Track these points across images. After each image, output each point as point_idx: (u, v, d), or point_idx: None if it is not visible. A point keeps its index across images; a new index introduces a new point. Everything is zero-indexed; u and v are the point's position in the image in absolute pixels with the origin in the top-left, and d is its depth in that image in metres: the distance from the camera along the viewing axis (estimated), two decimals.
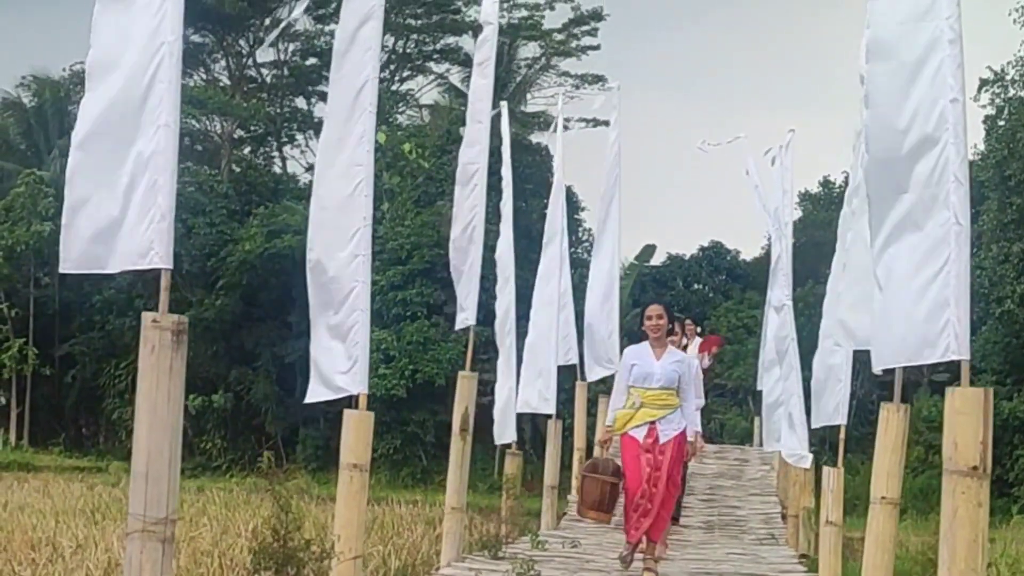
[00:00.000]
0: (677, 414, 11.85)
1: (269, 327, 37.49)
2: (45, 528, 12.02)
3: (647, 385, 11.84)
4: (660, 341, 12.04)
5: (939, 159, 6.15)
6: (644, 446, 11.68)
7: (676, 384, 11.88)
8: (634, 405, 11.83)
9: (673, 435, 11.78)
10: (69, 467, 34.48)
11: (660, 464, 11.65)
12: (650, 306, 12.35)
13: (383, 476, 34.11)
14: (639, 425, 11.78)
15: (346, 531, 8.61)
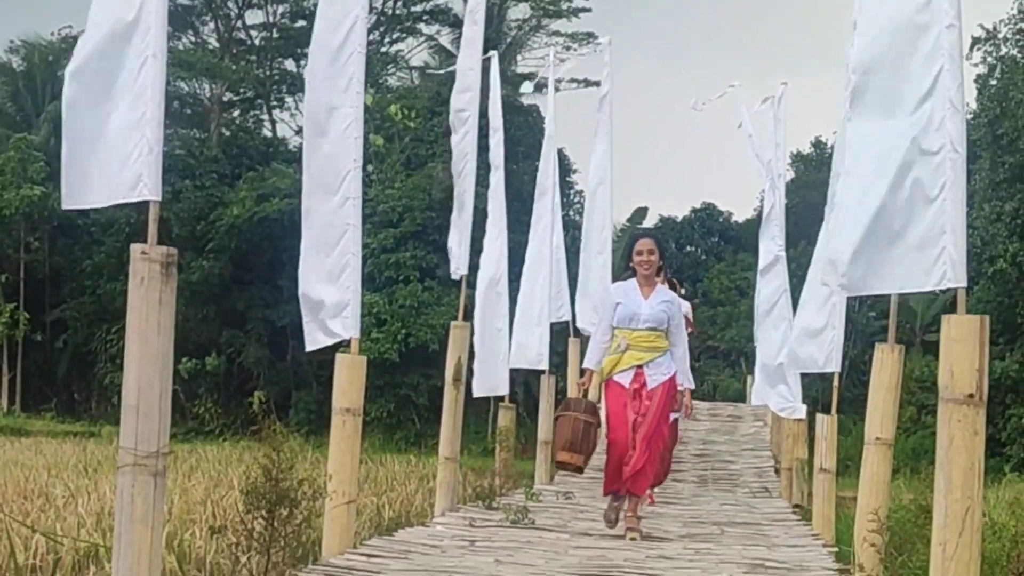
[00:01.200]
0: (667, 358, 10.79)
1: (260, 290, 37.46)
2: (37, 480, 12.00)
3: (633, 326, 10.74)
4: (649, 279, 10.87)
5: (934, 85, 6.09)
6: (630, 392, 10.65)
7: (665, 326, 10.79)
8: (619, 348, 10.77)
9: (662, 380, 10.70)
10: (61, 432, 34.44)
11: (647, 411, 10.64)
12: (641, 239, 11.13)
13: (376, 439, 34.12)
14: (625, 369, 10.71)
15: (339, 475, 8.56)
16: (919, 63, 6.16)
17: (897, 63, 6.27)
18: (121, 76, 6.17)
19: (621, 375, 10.73)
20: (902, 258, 6.23)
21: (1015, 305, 32.52)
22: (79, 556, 7.58)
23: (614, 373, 10.76)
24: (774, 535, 11.45)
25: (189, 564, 7.83)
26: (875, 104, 6.40)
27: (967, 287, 6.40)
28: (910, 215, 6.15)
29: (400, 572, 7.99)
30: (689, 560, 9.37)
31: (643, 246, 10.90)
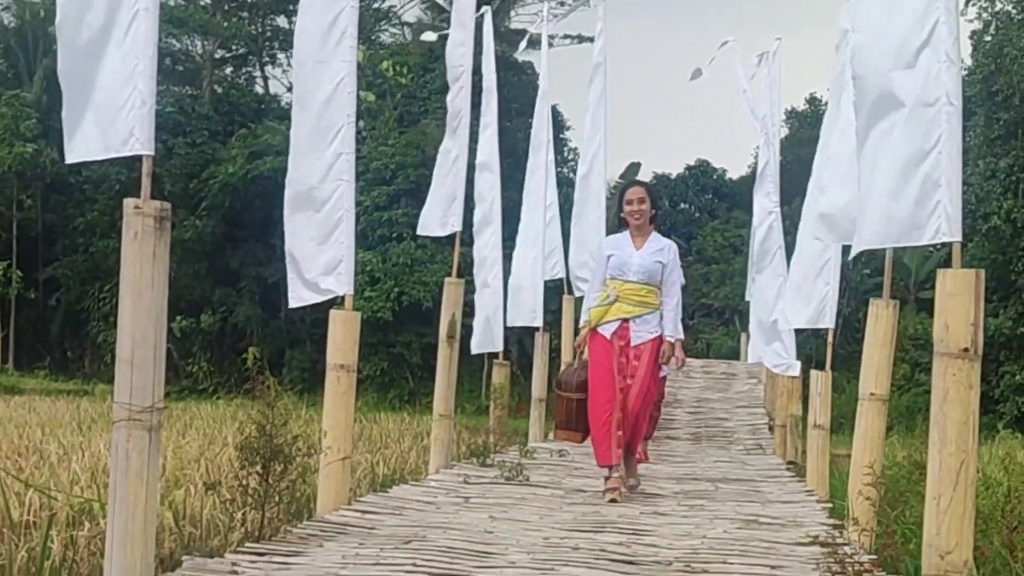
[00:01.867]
0: (655, 316, 10.39)
1: (253, 248, 37.39)
2: (31, 437, 11.99)
3: (624, 277, 10.35)
4: (642, 229, 10.47)
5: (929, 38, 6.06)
6: (616, 348, 10.25)
7: (658, 280, 10.40)
8: (608, 299, 10.39)
9: (648, 338, 10.32)
10: (55, 390, 34.43)
11: (634, 371, 10.25)
12: (631, 188, 10.75)
13: (370, 398, 34.14)
14: (610, 321, 10.35)
15: (334, 431, 8.57)
16: (915, 17, 6.12)
17: (893, 17, 6.24)
18: (113, 30, 6.12)
19: (605, 326, 10.37)
20: (897, 212, 6.21)
21: (1009, 262, 32.52)
22: (74, 512, 7.58)
23: (599, 324, 10.39)
24: (768, 491, 11.48)
25: (184, 520, 7.82)
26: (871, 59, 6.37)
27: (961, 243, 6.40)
28: (905, 169, 6.12)
29: (394, 528, 7.99)
30: (683, 516, 9.38)
31: (633, 195, 10.56)
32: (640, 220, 10.46)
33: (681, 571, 6.98)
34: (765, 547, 7.86)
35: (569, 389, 10.51)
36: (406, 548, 7.16)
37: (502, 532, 8.05)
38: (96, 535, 6.99)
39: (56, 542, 6.83)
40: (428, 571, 6.52)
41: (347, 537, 7.54)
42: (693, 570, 7.01)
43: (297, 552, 6.96)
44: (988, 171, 32.58)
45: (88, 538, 7.06)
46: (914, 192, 6.10)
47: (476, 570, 6.65)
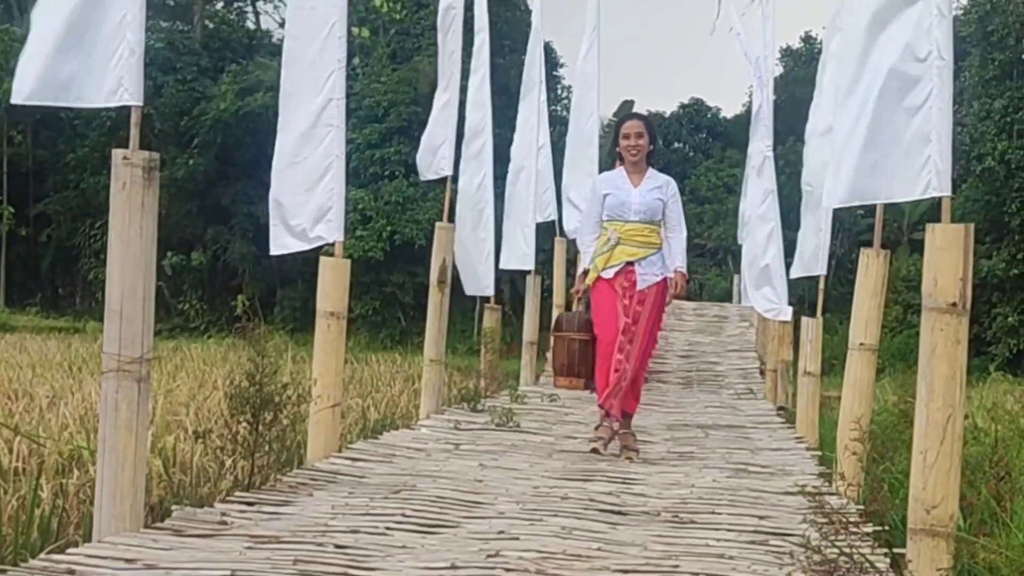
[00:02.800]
0: (659, 257, 9.91)
1: (244, 186, 37.25)
2: (22, 379, 11.99)
3: (624, 217, 9.86)
4: (639, 166, 9.93)
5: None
6: (619, 290, 9.83)
7: (659, 218, 9.93)
8: (609, 242, 9.90)
9: (654, 281, 9.85)
10: (46, 327, 34.42)
11: (638, 316, 9.80)
12: (628, 122, 10.14)
13: (362, 338, 34.15)
14: (614, 265, 9.86)
15: (324, 379, 8.57)
16: None
17: None
18: None
19: (609, 271, 9.89)
20: (887, 167, 6.19)
21: (1002, 204, 32.53)
22: (63, 460, 7.59)
23: (603, 270, 9.92)
24: (757, 438, 11.51)
25: (174, 467, 7.83)
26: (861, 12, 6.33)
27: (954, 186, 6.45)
28: (896, 123, 6.10)
29: (384, 476, 8.01)
30: (673, 465, 9.42)
31: (630, 128, 9.99)
32: (638, 156, 9.92)
33: (669, 521, 7.01)
34: (753, 497, 7.90)
35: (571, 328, 10.28)
36: (396, 497, 7.18)
37: (492, 481, 8.08)
38: (86, 483, 7.00)
39: (46, 490, 6.84)
40: (417, 521, 6.54)
41: (337, 486, 7.56)
42: (682, 520, 7.04)
43: (287, 501, 6.98)
44: (983, 112, 32.54)
45: (78, 486, 7.07)
46: (904, 147, 6.07)
47: (465, 520, 6.68)
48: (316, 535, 6.01)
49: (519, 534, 6.31)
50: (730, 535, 6.65)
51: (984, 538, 7.03)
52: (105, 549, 5.45)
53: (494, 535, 6.29)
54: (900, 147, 6.09)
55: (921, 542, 5.84)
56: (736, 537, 6.58)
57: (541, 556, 5.74)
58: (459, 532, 6.36)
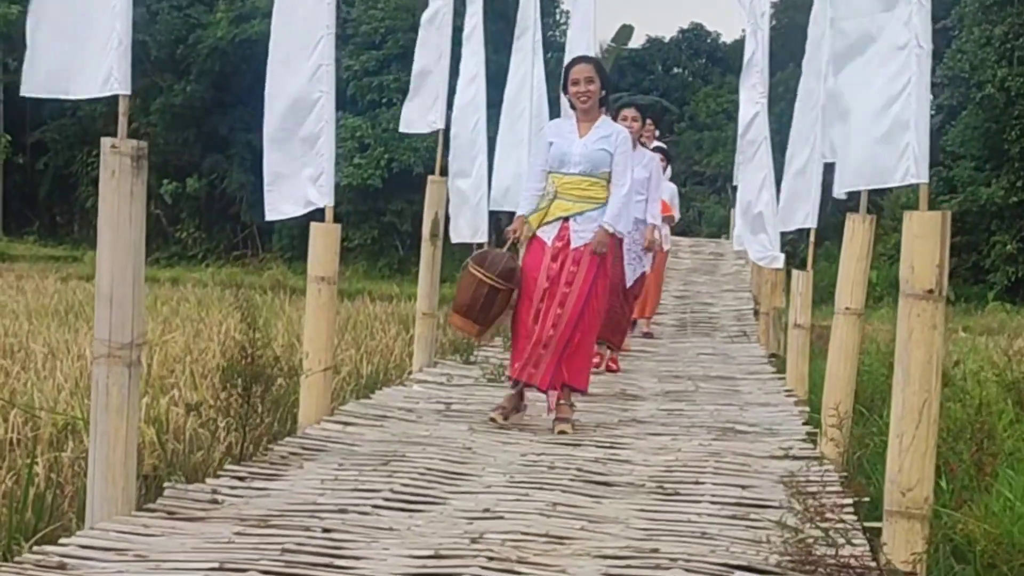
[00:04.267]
0: (603, 212, 9.10)
1: (242, 113, 37.13)
2: (18, 331, 12.10)
3: (564, 170, 9.09)
4: (589, 114, 9.15)
5: None
6: (551, 251, 9.02)
7: (604, 170, 9.10)
8: (548, 196, 9.14)
9: (591, 239, 9.07)
10: (44, 256, 34.59)
11: (573, 278, 9.00)
12: (576, 66, 9.34)
13: (359, 267, 34.29)
14: (550, 222, 9.08)
15: (315, 343, 8.67)
16: None
17: None
18: None
19: (545, 229, 9.10)
20: (866, 154, 6.28)
21: (1002, 131, 32.51)
22: (57, 430, 7.71)
23: (540, 227, 9.12)
24: (747, 391, 11.62)
25: (167, 434, 7.94)
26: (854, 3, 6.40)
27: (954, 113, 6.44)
28: (876, 111, 6.18)
29: (374, 444, 8.14)
30: (661, 424, 9.54)
31: (579, 73, 9.20)
32: (588, 103, 9.14)
33: (654, 492, 7.14)
34: (738, 464, 8.01)
35: (492, 269, 8.98)
36: (384, 470, 7.30)
37: (480, 448, 8.20)
38: (80, 455, 7.11)
39: (40, 463, 6.95)
40: (405, 498, 6.67)
41: (328, 456, 7.68)
42: (665, 491, 7.17)
43: (277, 474, 7.11)
44: (983, 38, 32.46)
45: (72, 459, 7.19)
46: (884, 134, 6.15)
47: (451, 496, 6.81)
48: (305, 516, 6.13)
49: (504, 511, 6.44)
50: (712, 508, 6.78)
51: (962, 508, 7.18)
52: (96, 538, 5.56)
53: (479, 513, 6.41)
54: (879, 134, 6.17)
55: (896, 524, 5.97)
56: (718, 511, 6.70)
57: (524, 539, 5.86)
58: (445, 510, 6.48)
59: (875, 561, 5.81)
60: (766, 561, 5.67)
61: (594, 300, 9.12)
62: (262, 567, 5.18)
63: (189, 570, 5.13)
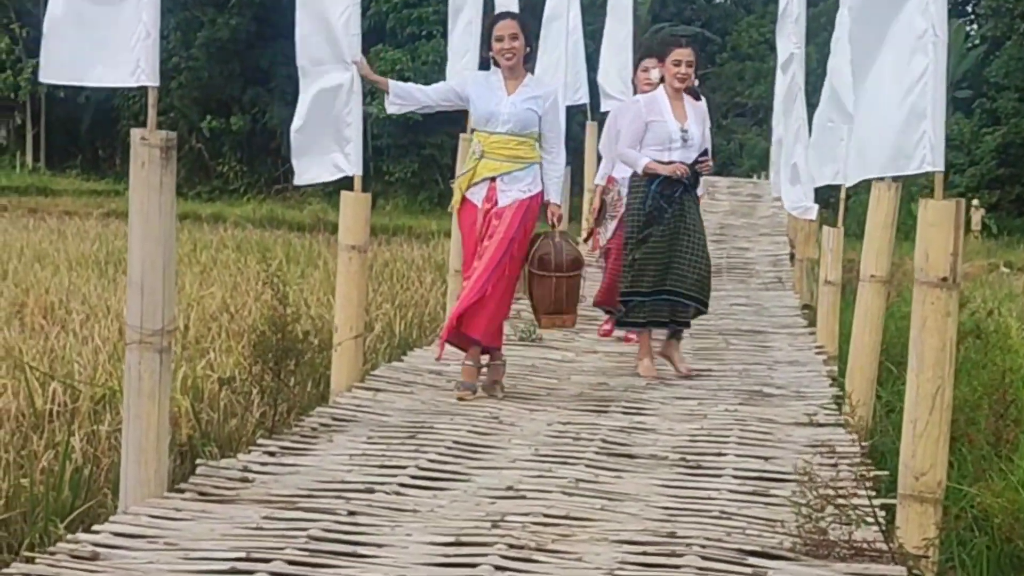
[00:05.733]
0: (530, 172, 8.88)
1: (283, 46, 37.00)
2: (59, 289, 12.30)
3: (490, 128, 8.87)
4: (515, 71, 8.91)
5: None
6: (482, 213, 8.88)
7: (533, 130, 8.91)
8: (474, 155, 8.98)
9: (518, 198, 8.82)
10: (87, 191, 34.86)
11: (492, 231, 8.80)
12: (500, 22, 9.11)
13: (400, 201, 34.44)
14: (477, 183, 8.91)
15: (346, 311, 8.80)
16: None
17: None
18: None
19: (473, 190, 8.95)
20: (883, 142, 6.34)
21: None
22: (94, 403, 7.89)
23: (468, 190, 8.99)
24: (777, 348, 11.70)
25: (202, 403, 8.13)
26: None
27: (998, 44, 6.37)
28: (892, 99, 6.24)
29: (403, 413, 8.29)
30: (688, 388, 9.65)
31: (503, 30, 8.94)
32: (513, 59, 8.88)
33: (676, 465, 7.28)
34: (762, 433, 8.13)
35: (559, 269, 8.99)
36: (411, 443, 7.46)
37: (507, 416, 8.34)
38: (117, 428, 7.29)
39: (77, 437, 7.14)
40: (429, 475, 6.83)
41: (357, 427, 7.85)
42: (688, 463, 7.31)
43: (307, 448, 7.28)
44: None
45: (109, 432, 7.38)
46: (904, 122, 6.21)
47: (476, 472, 6.96)
48: (331, 497, 6.30)
49: (526, 490, 6.58)
50: (734, 483, 6.91)
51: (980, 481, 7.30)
52: (128, 524, 5.74)
53: (502, 491, 6.56)
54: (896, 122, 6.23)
55: (910, 507, 6.08)
56: (739, 487, 6.83)
57: (544, 521, 6.01)
58: (469, 488, 6.63)
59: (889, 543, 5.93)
60: (780, 545, 5.80)
61: (508, 260, 8.85)
62: (287, 556, 5.35)
63: (217, 559, 5.30)
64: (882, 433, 8.50)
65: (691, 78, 9.93)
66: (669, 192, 9.86)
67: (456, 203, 9.16)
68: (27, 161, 40.00)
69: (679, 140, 9.81)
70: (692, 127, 9.86)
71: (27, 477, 6.54)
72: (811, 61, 16.35)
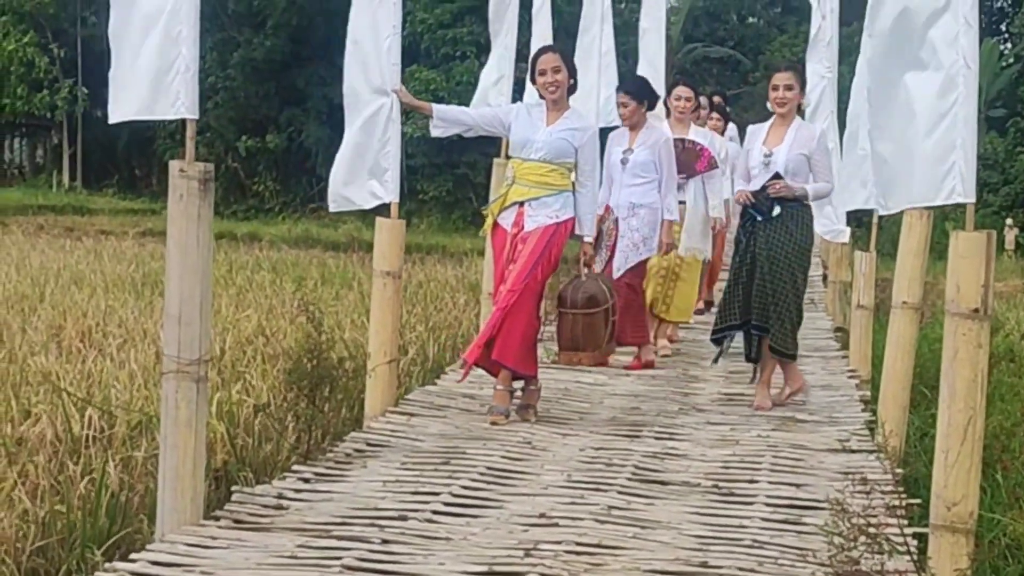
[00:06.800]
0: (558, 199, 8.94)
1: (319, 67, 37.46)
2: (96, 313, 12.40)
3: (525, 155, 8.99)
4: (559, 104, 9.05)
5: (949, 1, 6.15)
6: (511, 238, 8.97)
7: (567, 159, 8.99)
8: (506, 181, 9.13)
9: (544, 223, 8.87)
10: (123, 209, 35.09)
11: (516, 256, 8.87)
12: (542, 56, 9.19)
13: (434, 220, 34.55)
14: (507, 207, 9.03)
15: (380, 336, 8.86)
16: None
17: None
18: None
19: (504, 215, 9.05)
20: (913, 173, 6.36)
21: None
22: (131, 430, 7.96)
23: (500, 215, 9.10)
24: (810, 371, 11.65)
25: (238, 427, 8.19)
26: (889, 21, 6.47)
27: None
28: (924, 130, 6.26)
29: (436, 438, 8.33)
30: (721, 413, 9.67)
31: (546, 64, 9.06)
32: (556, 93, 9.02)
33: (708, 492, 7.31)
34: (795, 459, 8.14)
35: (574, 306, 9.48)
36: (445, 469, 7.50)
37: (540, 440, 8.38)
38: (152, 454, 7.36)
39: (113, 465, 7.21)
40: (462, 502, 6.87)
41: (391, 453, 7.90)
42: (720, 491, 7.33)
43: (341, 475, 7.33)
44: None
45: (145, 458, 7.44)
46: (933, 153, 6.24)
47: (509, 499, 7.00)
48: (365, 524, 6.34)
49: (559, 517, 6.62)
50: (766, 510, 6.94)
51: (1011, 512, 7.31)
52: (165, 553, 5.81)
53: (535, 519, 6.60)
54: (928, 154, 6.26)
55: (942, 537, 6.09)
56: (771, 515, 6.86)
57: (576, 549, 6.05)
58: (502, 515, 6.67)
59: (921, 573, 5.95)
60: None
61: (532, 282, 8.89)
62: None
63: None
64: (915, 460, 8.49)
65: (792, 102, 9.79)
66: (744, 221, 9.86)
67: (487, 228, 9.26)
68: (64, 180, 40.32)
69: (759, 166, 9.73)
70: (781, 151, 9.68)
71: (64, 503, 6.61)
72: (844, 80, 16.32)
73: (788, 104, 9.79)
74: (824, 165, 9.76)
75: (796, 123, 9.86)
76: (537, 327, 9.13)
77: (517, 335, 8.85)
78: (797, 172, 9.73)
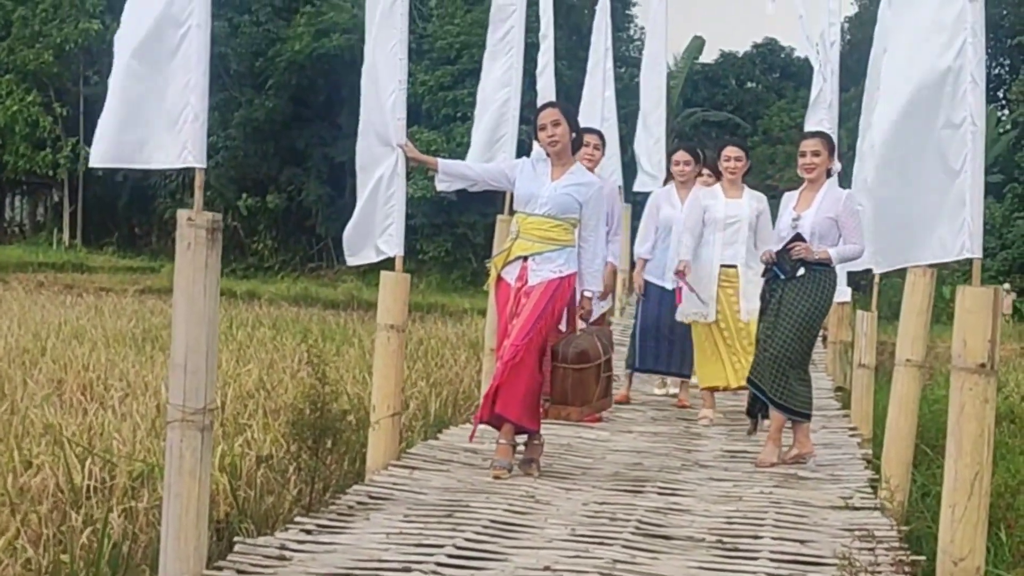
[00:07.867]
0: (562, 254, 8.92)
1: (319, 127, 37.69)
2: (97, 366, 12.40)
3: (529, 210, 8.97)
4: (562, 158, 9.00)
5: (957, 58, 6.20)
6: (514, 293, 8.96)
7: (571, 215, 8.96)
8: (510, 236, 9.12)
9: (547, 278, 8.86)
10: (122, 267, 35.12)
11: (520, 310, 8.87)
12: (543, 111, 9.16)
13: (433, 279, 34.59)
14: (511, 262, 9.02)
15: (383, 390, 8.86)
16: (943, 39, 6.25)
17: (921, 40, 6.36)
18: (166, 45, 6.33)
19: (508, 269, 9.06)
20: (924, 229, 6.40)
21: None
22: (132, 480, 7.94)
23: (503, 270, 9.10)
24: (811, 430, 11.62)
25: (239, 480, 8.17)
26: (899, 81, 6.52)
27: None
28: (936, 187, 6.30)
29: (439, 492, 8.31)
30: (724, 469, 9.65)
31: (545, 118, 9.01)
32: (558, 146, 8.96)
33: (712, 547, 7.28)
34: (797, 515, 8.11)
35: (564, 360, 8.95)
36: (448, 522, 7.48)
37: (543, 494, 8.36)
38: (154, 504, 7.34)
39: (115, 515, 7.19)
40: (466, 554, 6.84)
41: (394, 505, 7.87)
42: (724, 546, 7.30)
43: (344, 527, 7.30)
44: None
45: (147, 508, 7.42)
46: (942, 210, 6.28)
47: (512, 552, 6.97)
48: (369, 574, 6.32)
49: (564, 571, 6.59)
50: (770, 565, 6.90)
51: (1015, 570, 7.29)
52: None
53: (539, 572, 6.57)
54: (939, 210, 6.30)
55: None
56: (776, 570, 6.82)
57: None
58: (506, 568, 6.64)
59: None
60: None
61: (535, 336, 8.84)
62: None
63: None
64: (918, 517, 8.46)
65: (820, 167, 9.84)
66: (768, 281, 9.94)
67: (491, 282, 9.26)
68: (64, 238, 40.37)
69: (788, 228, 9.84)
70: (808, 215, 9.79)
71: (66, 553, 6.59)
72: (842, 145, 16.41)
73: (816, 170, 9.89)
74: (852, 227, 9.78)
75: (825, 187, 9.93)
76: (541, 381, 9.01)
77: (520, 389, 8.84)
78: (825, 235, 9.82)
